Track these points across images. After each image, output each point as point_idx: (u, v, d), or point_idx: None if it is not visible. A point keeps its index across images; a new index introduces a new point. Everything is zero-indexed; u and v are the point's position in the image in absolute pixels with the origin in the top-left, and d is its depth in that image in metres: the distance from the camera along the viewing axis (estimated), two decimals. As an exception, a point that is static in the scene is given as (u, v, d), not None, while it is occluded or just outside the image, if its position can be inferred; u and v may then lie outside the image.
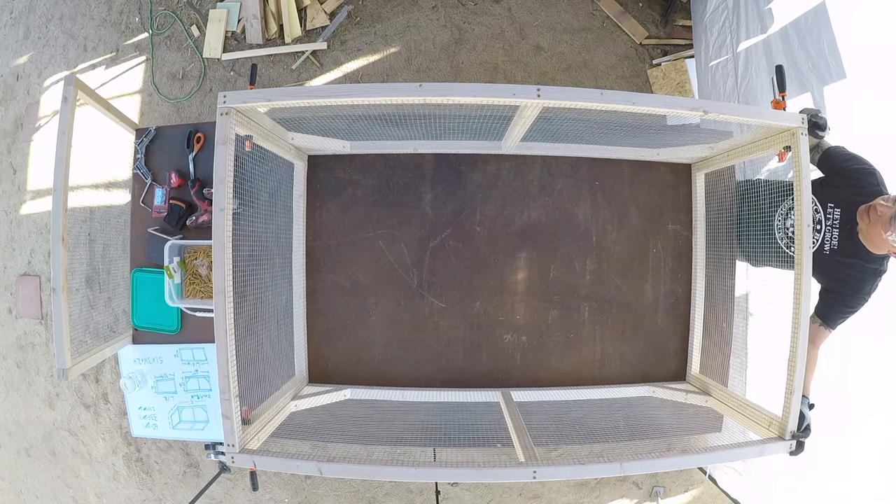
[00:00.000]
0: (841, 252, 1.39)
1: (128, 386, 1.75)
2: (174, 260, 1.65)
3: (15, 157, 3.18)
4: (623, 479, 2.98)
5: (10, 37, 3.24)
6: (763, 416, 1.30)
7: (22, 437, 3.23)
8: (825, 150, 1.43)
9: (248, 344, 1.27)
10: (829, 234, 1.41)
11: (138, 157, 1.78)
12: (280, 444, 1.33)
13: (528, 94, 1.06)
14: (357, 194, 1.69)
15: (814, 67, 1.81)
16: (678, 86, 2.80)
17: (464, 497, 2.97)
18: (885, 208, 1.24)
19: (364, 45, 2.94)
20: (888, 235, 1.23)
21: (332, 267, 1.70)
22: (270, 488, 3.00)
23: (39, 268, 3.09)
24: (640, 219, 1.72)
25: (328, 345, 1.71)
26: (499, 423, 1.45)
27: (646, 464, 1.15)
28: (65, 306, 1.45)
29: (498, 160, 1.69)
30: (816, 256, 1.40)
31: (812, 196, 1.42)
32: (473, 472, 1.08)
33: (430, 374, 1.71)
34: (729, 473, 2.50)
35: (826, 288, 1.39)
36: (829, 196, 1.42)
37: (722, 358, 1.69)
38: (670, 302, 1.74)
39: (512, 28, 2.93)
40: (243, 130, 1.17)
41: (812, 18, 1.84)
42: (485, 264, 1.70)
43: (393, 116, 1.33)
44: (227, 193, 1.09)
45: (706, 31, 2.50)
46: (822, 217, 1.42)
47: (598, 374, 1.74)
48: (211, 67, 2.99)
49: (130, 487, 3.08)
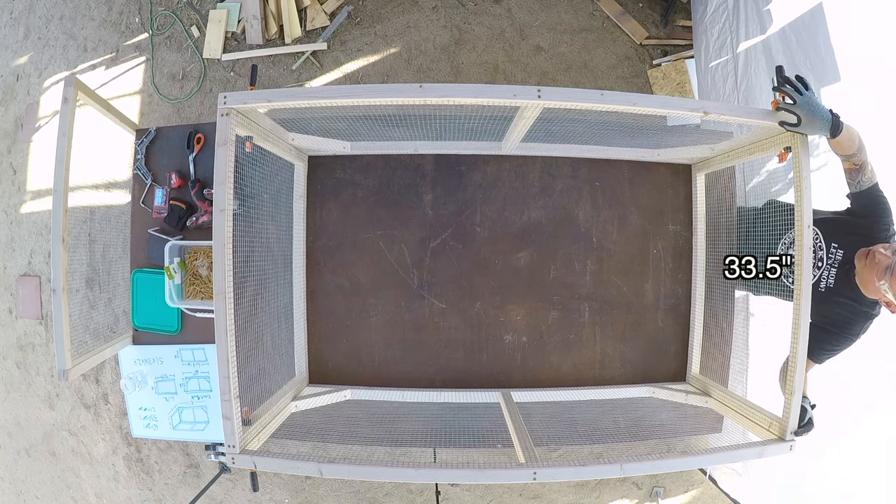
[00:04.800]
0: (836, 292, 1.39)
1: (128, 386, 1.74)
2: (174, 260, 1.65)
3: (15, 158, 3.18)
4: (623, 480, 2.98)
5: (10, 37, 3.24)
6: (763, 416, 1.30)
7: (22, 437, 3.23)
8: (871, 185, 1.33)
9: (248, 345, 1.27)
10: (828, 272, 1.41)
11: (138, 157, 1.78)
12: (280, 444, 1.33)
13: (529, 95, 1.06)
14: (357, 195, 1.69)
15: (812, 68, 1.81)
16: (678, 86, 2.80)
17: (464, 497, 2.97)
18: (883, 256, 1.24)
19: (364, 46, 2.94)
20: (880, 284, 1.23)
21: (333, 267, 1.70)
22: (271, 489, 3.00)
23: (39, 268, 3.09)
24: (640, 219, 1.72)
25: (328, 345, 1.71)
26: (499, 423, 1.45)
27: (646, 465, 1.15)
28: (65, 307, 1.45)
29: (498, 161, 1.69)
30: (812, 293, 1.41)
31: (818, 231, 1.41)
32: (473, 473, 1.08)
33: (431, 375, 1.71)
34: (729, 474, 2.50)
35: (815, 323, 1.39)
36: (835, 237, 1.40)
37: (722, 359, 1.69)
38: (670, 302, 1.74)
39: (512, 28, 2.93)
40: (243, 131, 1.17)
41: (809, 19, 1.84)
42: (485, 265, 1.70)
43: (393, 117, 1.33)
44: (228, 194, 1.09)
45: (706, 31, 2.50)
46: (825, 255, 1.41)
47: (599, 375, 1.74)
48: (211, 68, 2.99)
49: (130, 488, 3.08)
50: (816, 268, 1.41)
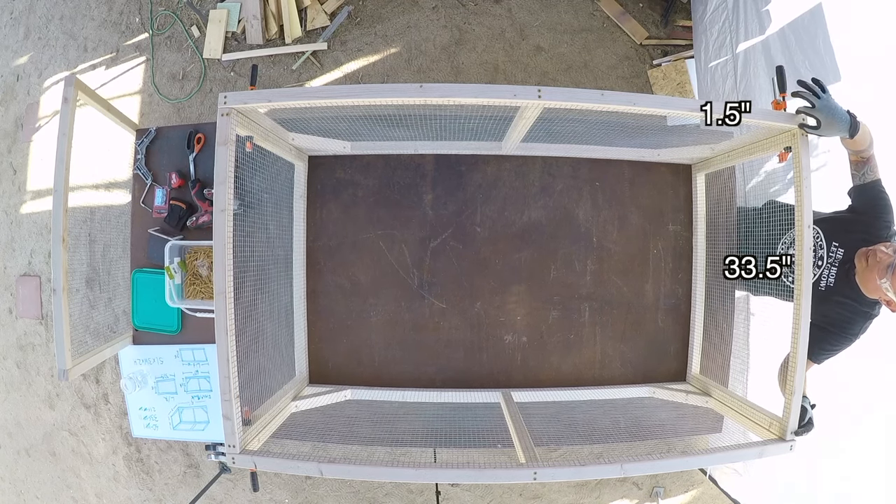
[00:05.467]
0: (836, 291, 1.39)
1: (128, 386, 1.74)
2: (175, 260, 1.65)
3: (15, 158, 3.18)
4: (623, 480, 2.98)
5: (10, 37, 3.24)
6: (764, 416, 1.30)
7: (22, 437, 3.23)
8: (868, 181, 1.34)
9: (248, 344, 1.27)
10: (828, 271, 1.41)
11: (138, 157, 1.78)
12: (281, 444, 1.33)
13: (529, 95, 1.06)
14: (357, 195, 1.69)
15: (811, 68, 1.81)
16: (678, 86, 2.80)
17: (464, 497, 2.97)
18: (885, 255, 1.24)
19: (364, 46, 2.94)
20: (882, 282, 1.23)
21: (333, 267, 1.70)
22: (271, 489, 3.00)
23: (40, 268, 3.09)
24: (640, 219, 1.72)
25: (328, 345, 1.71)
26: (499, 423, 1.45)
27: (646, 465, 1.15)
28: (65, 307, 1.45)
29: (498, 161, 1.69)
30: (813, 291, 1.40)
31: (818, 230, 1.41)
32: (474, 473, 1.08)
33: (431, 375, 1.71)
34: (729, 474, 2.50)
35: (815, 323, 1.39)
36: (836, 235, 1.40)
37: (722, 359, 1.69)
38: (671, 302, 1.74)
39: (512, 28, 2.93)
40: (244, 131, 1.17)
41: (809, 19, 1.84)
42: (485, 265, 1.70)
43: (393, 117, 1.33)
44: (228, 194, 1.09)
45: (706, 31, 2.50)
46: (825, 253, 1.41)
47: (599, 375, 1.74)
48: (211, 68, 2.99)
49: (131, 488, 3.08)
50: (816, 266, 1.41)
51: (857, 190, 1.38)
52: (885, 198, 1.35)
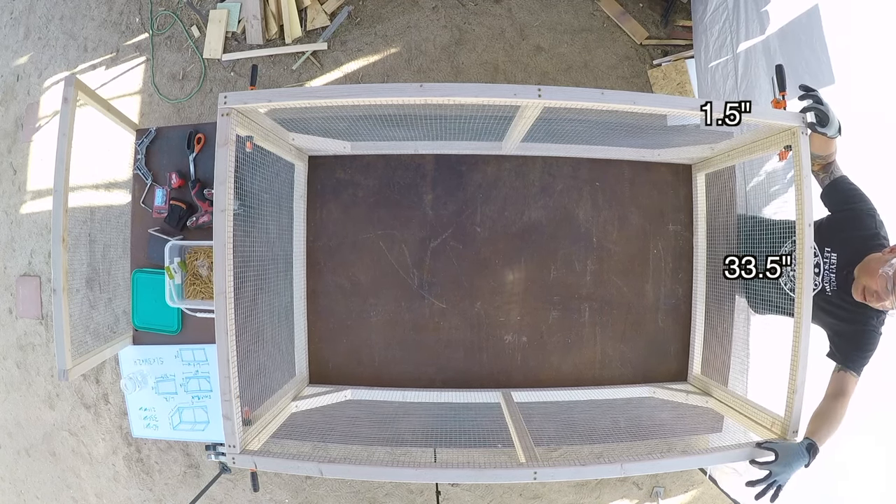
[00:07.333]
0: (840, 295, 1.39)
1: (128, 387, 1.74)
2: (175, 260, 1.65)
3: (15, 158, 3.18)
4: (623, 480, 2.98)
5: (10, 37, 3.24)
6: (765, 416, 1.30)
7: (22, 437, 3.23)
8: (836, 178, 1.39)
9: (248, 344, 1.27)
10: (828, 277, 1.41)
11: (138, 157, 1.78)
12: (281, 444, 1.33)
13: (530, 95, 1.06)
14: (357, 195, 1.69)
15: (807, 68, 1.81)
16: (678, 86, 2.80)
17: (464, 497, 2.97)
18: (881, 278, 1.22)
19: (364, 46, 2.94)
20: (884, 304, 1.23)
21: (333, 267, 1.70)
22: (271, 489, 3.00)
23: (40, 268, 3.09)
24: (640, 219, 1.72)
25: (328, 345, 1.71)
26: (499, 423, 1.45)
27: (646, 465, 1.15)
28: (65, 307, 1.45)
29: (498, 161, 1.69)
30: (820, 298, 1.40)
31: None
32: (474, 472, 1.08)
33: (431, 375, 1.71)
34: (729, 473, 2.50)
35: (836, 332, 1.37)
36: (826, 241, 1.41)
37: (723, 359, 1.69)
38: (671, 303, 1.74)
39: (512, 28, 2.93)
40: (244, 131, 1.17)
41: (805, 21, 1.84)
42: (485, 265, 1.70)
43: (393, 117, 1.33)
44: (228, 194, 1.09)
45: (706, 31, 2.50)
46: (821, 260, 1.41)
47: (599, 375, 1.74)
48: (211, 68, 2.99)
49: (131, 488, 3.08)
50: (816, 274, 1.41)
51: (830, 188, 1.40)
52: (857, 188, 1.38)
